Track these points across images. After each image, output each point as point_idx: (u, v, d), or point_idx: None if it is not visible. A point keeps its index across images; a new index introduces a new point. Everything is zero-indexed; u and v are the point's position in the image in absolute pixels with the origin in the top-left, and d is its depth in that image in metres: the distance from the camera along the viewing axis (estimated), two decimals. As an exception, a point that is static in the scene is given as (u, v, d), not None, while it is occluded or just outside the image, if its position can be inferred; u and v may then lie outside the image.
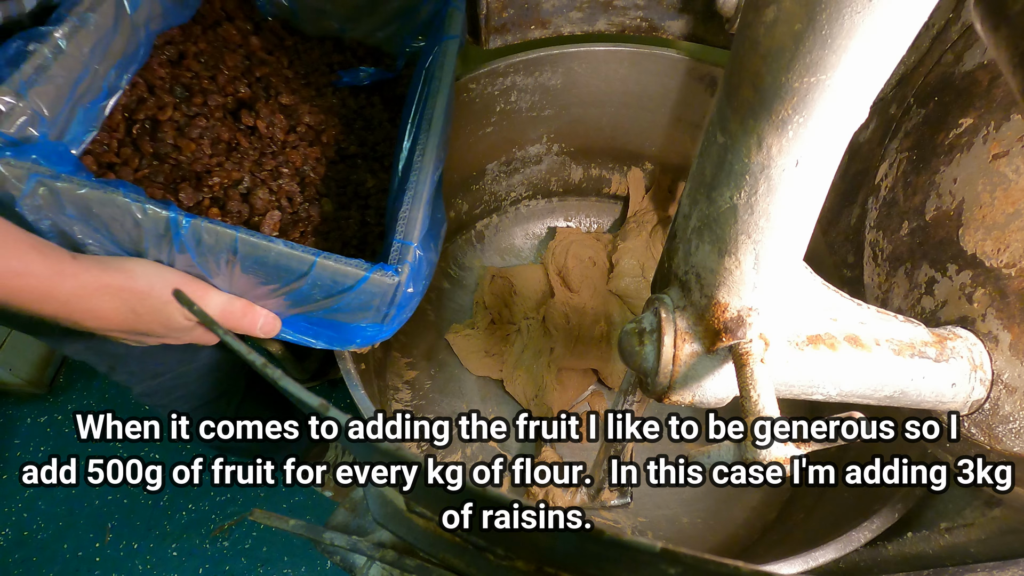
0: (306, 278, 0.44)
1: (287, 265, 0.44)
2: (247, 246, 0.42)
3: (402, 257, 0.47)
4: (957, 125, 0.51)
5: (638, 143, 0.94)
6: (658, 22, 0.81)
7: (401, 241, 0.48)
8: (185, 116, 0.55)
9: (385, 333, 0.51)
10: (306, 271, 0.44)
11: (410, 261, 0.47)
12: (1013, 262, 0.44)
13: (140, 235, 0.42)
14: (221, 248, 0.42)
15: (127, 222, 0.41)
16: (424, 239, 0.50)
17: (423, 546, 0.43)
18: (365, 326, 0.50)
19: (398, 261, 0.47)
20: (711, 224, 0.36)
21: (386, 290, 0.46)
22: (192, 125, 0.55)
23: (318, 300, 0.47)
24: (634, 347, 0.41)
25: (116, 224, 0.41)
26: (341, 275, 0.44)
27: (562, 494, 0.74)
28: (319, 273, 0.44)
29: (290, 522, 0.53)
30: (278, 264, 0.43)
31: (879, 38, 0.26)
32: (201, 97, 0.57)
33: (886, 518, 0.53)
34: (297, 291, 0.46)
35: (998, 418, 0.44)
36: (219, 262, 0.43)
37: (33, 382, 1.32)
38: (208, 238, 0.42)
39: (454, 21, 0.65)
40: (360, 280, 0.44)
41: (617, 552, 0.25)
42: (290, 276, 0.44)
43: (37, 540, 1.20)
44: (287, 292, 0.46)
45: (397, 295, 0.47)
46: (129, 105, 0.53)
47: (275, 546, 1.19)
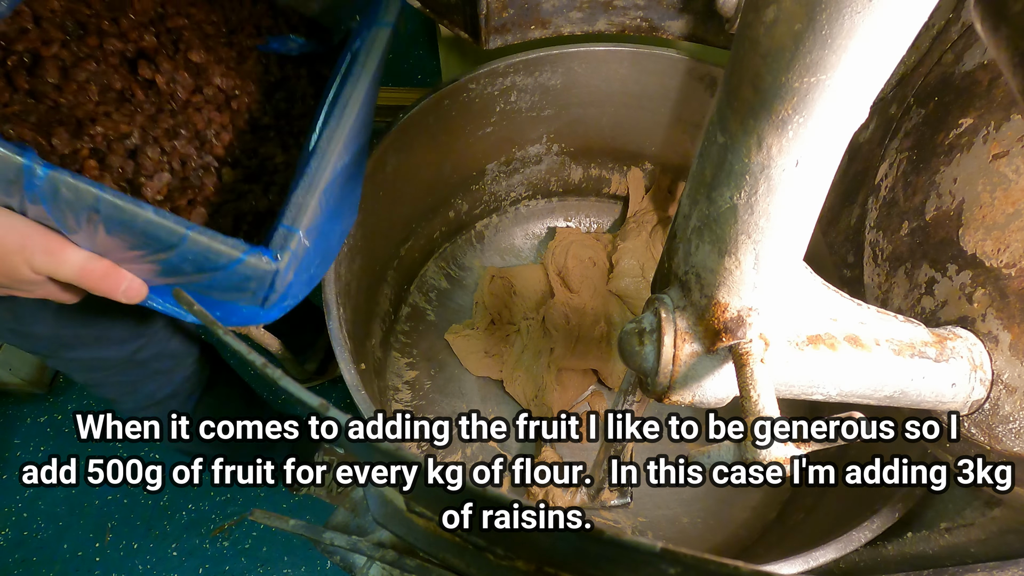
0: (175, 250, 0.42)
1: (155, 234, 0.41)
2: (110, 207, 0.39)
3: (285, 244, 0.45)
4: (957, 125, 0.51)
5: (638, 143, 0.94)
6: (658, 22, 0.80)
7: (287, 227, 0.46)
8: (74, 56, 0.51)
9: (264, 317, 0.50)
10: (175, 243, 0.41)
11: (292, 248, 0.45)
12: (1013, 262, 0.44)
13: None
14: (82, 205, 0.39)
15: None
16: (316, 228, 0.48)
17: (423, 546, 0.43)
18: (242, 307, 0.48)
19: (280, 247, 0.45)
20: (711, 224, 0.36)
21: (263, 275, 0.44)
22: (80, 67, 0.50)
23: (188, 274, 0.44)
24: (634, 347, 0.41)
25: None
26: (214, 253, 0.42)
27: (562, 494, 0.74)
28: (190, 248, 0.41)
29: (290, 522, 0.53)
30: (146, 232, 0.41)
31: (879, 38, 0.26)
32: (96, 38, 0.52)
33: (886, 518, 0.53)
34: (166, 261, 0.43)
35: (998, 418, 0.44)
36: (79, 219, 0.40)
37: (33, 382, 1.32)
38: (67, 193, 0.39)
39: (391, 8, 0.61)
40: (235, 261, 0.42)
41: (617, 552, 0.25)
42: (159, 245, 0.42)
43: (37, 540, 1.20)
44: (155, 260, 0.43)
45: (276, 282, 0.45)
46: (8, 34, 0.49)
47: (275, 546, 1.19)
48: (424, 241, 0.94)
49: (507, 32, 0.79)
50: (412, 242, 0.91)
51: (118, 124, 0.50)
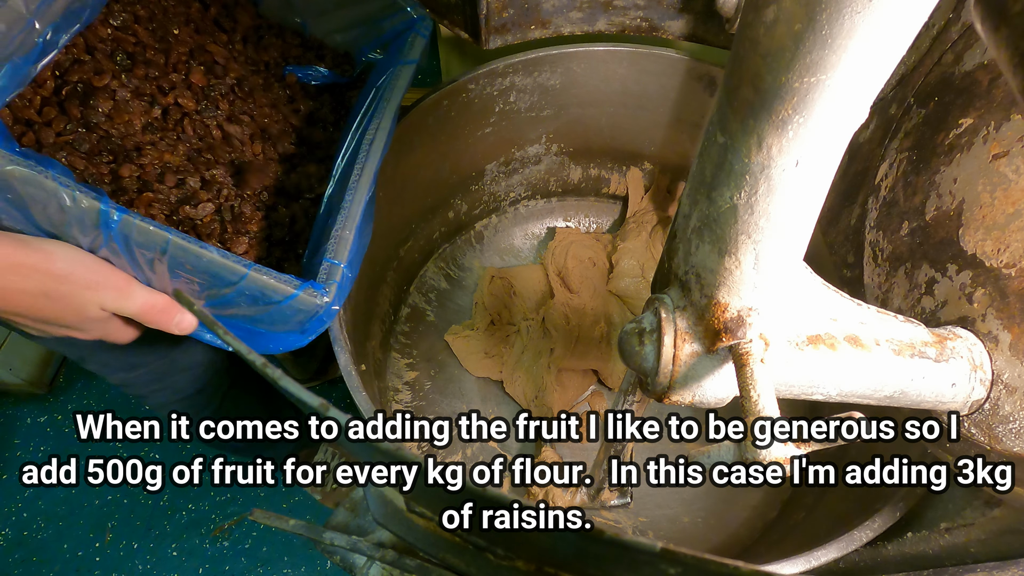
0: (234, 287, 0.44)
1: (217, 272, 0.43)
2: (178, 249, 0.41)
3: (331, 276, 0.47)
4: (957, 125, 0.51)
5: (637, 143, 0.94)
6: (658, 22, 0.81)
7: (331, 261, 0.48)
8: (123, 87, 0.52)
9: (302, 342, 0.52)
10: (236, 281, 0.43)
11: (338, 281, 0.47)
12: (1013, 262, 0.44)
13: (64, 220, 0.39)
14: (151, 247, 0.41)
15: (52, 206, 0.39)
16: (352, 256, 0.51)
17: (423, 546, 0.43)
18: (283, 335, 0.50)
19: (327, 280, 0.47)
20: (711, 224, 0.36)
21: (313, 308, 0.46)
22: (129, 97, 0.52)
23: (241, 307, 0.46)
24: (634, 347, 0.41)
25: (38, 206, 0.39)
26: (271, 289, 0.44)
27: (562, 494, 0.74)
28: (248, 285, 0.44)
29: (290, 522, 0.53)
30: (208, 271, 0.43)
31: (879, 38, 0.26)
32: (143, 68, 0.54)
33: (889, 516, 0.53)
34: (222, 297, 0.45)
35: (998, 418, 0.44)
36: (146, 259, 0.42)
37: (33, 382, 1.32)
38: (139, 236, 0.40)
39: (415, 46, 0.65)
40: (289, 297, 0.45)
41: (617, 552, 0.25)
42: (218, 283, 0.44)
43: (37, 540, 1.20)
44: (211, 296, 0.45)
45: (324, 314, 0.47)
46: (63, 64, 0.50)
47: (275, 546, 1.19)
48: (423, 242, 0.94)
49: (507, 32, 0.79)
50: (411, 243, 0.91)
51: (163, 154, 0.52)
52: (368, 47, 0.71)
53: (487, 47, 0.79)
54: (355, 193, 0.53)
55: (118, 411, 1.33)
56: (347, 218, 0.51)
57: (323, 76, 0.69)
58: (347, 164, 0.56)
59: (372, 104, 0.60)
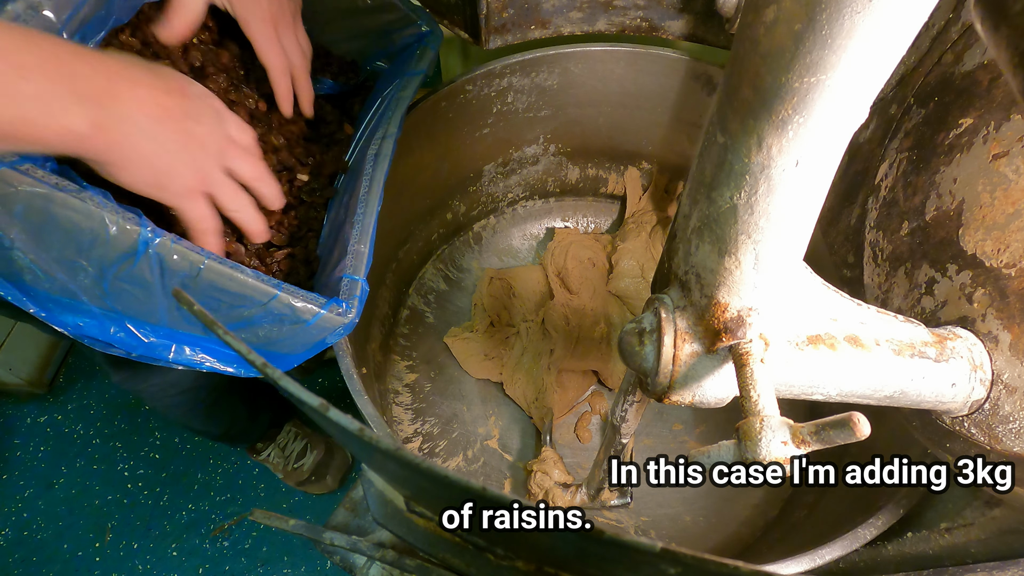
0: (263, 307, 0.44)
1: (247, 294, 0.43)
2: (212, 272, 0.41)
3: (352, 292, 0.48)
4: (957, 125, 0.51)
5: (635, 143, 0.94)
6: (658, 22, 0.81)
7: (351, 277, 0.48)
8: None
9: (310, 354, 0.52)
10: (264, 302, 0.43)
11: (359, 295, 0.48)
12: (1013, 262, 0.44)
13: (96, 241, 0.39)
14: (182, 270, 0.41)
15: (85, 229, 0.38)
16: (368, 272, 0.51)
17: (423, 546, 0.43)
18: (295, 356, 0.51)
19: (349, 296, 0.47)
20: (711, 224, 0.36)
21: (337, 326, 0.46)
22: None
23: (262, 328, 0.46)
24: (634, 347, 0.41)
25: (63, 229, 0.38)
26: (298, 309, 0.44)
27: (562, 494, 0.74)
28: (276, 305, 0.44)
29: (290, 522, 0.53)
30: (240, 292, 0.43)
31: (879, 38, 0.26)
32: None
33: (891, 514, 0.53)
34: (244, 319, 0.45)
35: (998, 418, 0.44)
36: (178, 282, 0.42)
37: (33, 382, 1.32)
38: (175, 259, 0.40)
39: (424, 58, 0.65)
40: (315, 316, 0.45)
41: (617, 552, 0.25)
42: (247, 304, 0.44)
43: (37, 540, 1.20)
44: (233, 318, 0.45)
45: (341, 328, 0.48)
46: None
47: (275, 546, 1.19)
48: (422, 243, 0.94)
49: (507, 32, 0.79)
50: (410, 244, 0.91)
51: None
52: (375, 56, 0.71)
53: (487, 47, 0.79)
54: (367, 206, 0.52)
55: (118, 411, 1.33)
56: (361, 232, 0.51)
57: (328, 86, 0.68)
58: (353, 180, 0.55)
59: (377, 113, 0.59)
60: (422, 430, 0.84)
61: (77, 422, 1.32)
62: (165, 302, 0.44)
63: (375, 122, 0.59)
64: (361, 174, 0.55)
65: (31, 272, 0.39)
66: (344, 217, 0.54)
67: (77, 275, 0.40)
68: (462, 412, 0.86)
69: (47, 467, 1.27)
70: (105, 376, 1.37)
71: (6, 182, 0.35)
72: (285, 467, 1.20)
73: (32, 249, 0.38)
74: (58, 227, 0.37)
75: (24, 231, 0.37)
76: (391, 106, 0.60)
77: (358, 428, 0.25)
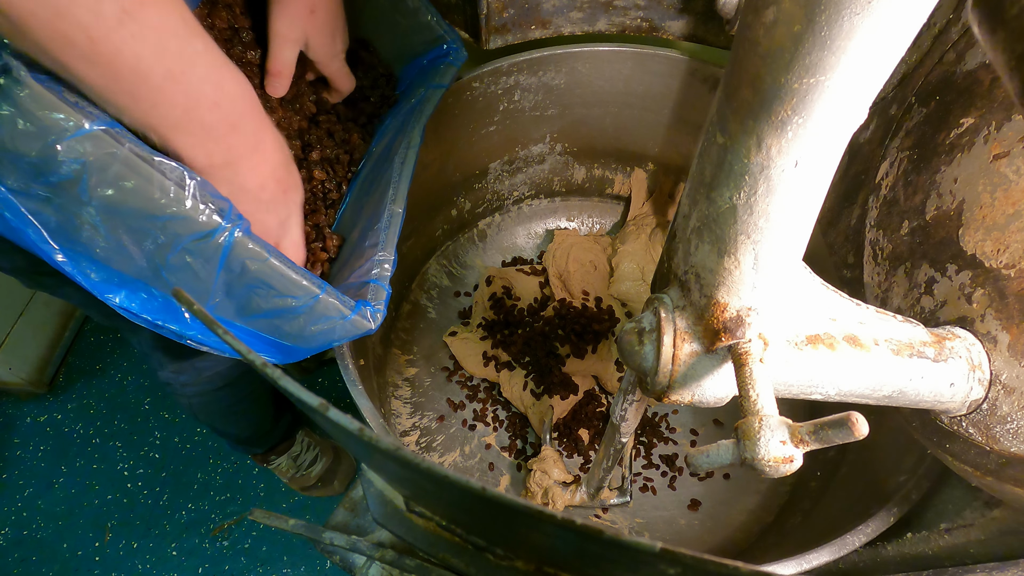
0: (303, 307, 0.45)
1: (292, 292, 0.44)
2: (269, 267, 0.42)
3: (378, 297, 0.49)
4: (958, 125, 0.51)
5: (641, 144, 0.94)
6: (658, 22, 0.81)
7: (377, 282, 0.50)
8: None
9: (325, 347, 0.53)
10: (307, 302, 0.45)
11: (383, 300, 0.49)
12: (1013, 263, 0.44)
13: (179, 231, 0.40)
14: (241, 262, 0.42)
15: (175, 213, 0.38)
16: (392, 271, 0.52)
17: (423, 546, 0.43)
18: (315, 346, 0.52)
19: (375, 300, 0.48)
20: (711, 224, 0.36)
21: (362, 328, 0.48)
22: None
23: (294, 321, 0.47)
24: (633, 346, 0.42)
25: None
26: (334, 309, 0.45)
27: (561, 492, 0.74)
28: (316, 306, 0.45)
29: (290, 522, 0.53)
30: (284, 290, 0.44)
31: (879, 39, 0.26)
32: None
33: (882, 521, 0.53)
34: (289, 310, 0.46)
35: (996, 418, 0.44)
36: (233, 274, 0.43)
37: (33, 382, 1.32)
38: (241, 252, 0.41)
39: (447, 74, 0.67)
40: (346, 318, 0.46)
41: (617, 552, 0.25)
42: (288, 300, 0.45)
43: (37, 540, 1.20)
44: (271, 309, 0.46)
45: (366, 331, 0.49)
46: None
47: (275, 546, 1.19)
48: (426, 239, 0.94)
49: (507, 32, 0.79)
50: (414, 240, 0.91)
51: None
52: (408, 70, 0.72)
53: (487, 47, 0.79)
54: (391, 216, 0.54)
55: (118, 411, 1.34)
56: (387, 241, 0.52)
57: None
58: (375, 186, 0.56)
59: (403, 127, 0.61)
60: (420, 424, 0.84)
61: (77, 421, 1.32)
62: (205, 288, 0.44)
63: (397, 130, 0.61)
64: (382, 181, 0.57)
65: (92, 229, 0.39)
66: (359, 220, 0.55)
67: (143, 241, 0.40)
68: (461, 408, 0.86)
69: (47, 466, 1.27)
70: (104, 375, 1.37)
71: (113, 140, 0.36)
72: (294, 475, 1.20)
73: (105, 209, 0.39)
74: (141, 195, 0.38)
75: (106, 197, 0.38)
76: (415, 118, 0.62)
77: (358, 428, 0.25)
